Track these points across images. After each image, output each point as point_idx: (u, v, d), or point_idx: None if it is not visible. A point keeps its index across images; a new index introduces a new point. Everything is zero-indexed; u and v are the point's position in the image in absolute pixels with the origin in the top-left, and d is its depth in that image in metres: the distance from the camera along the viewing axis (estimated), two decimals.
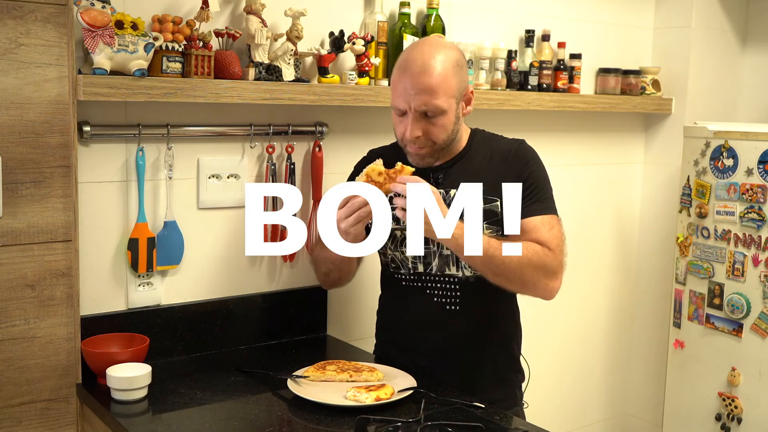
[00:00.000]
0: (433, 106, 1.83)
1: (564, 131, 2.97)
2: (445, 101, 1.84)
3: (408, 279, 2.00)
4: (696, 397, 2.81)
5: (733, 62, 3.25)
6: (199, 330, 2.15)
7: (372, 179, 1.79)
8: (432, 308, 1.97)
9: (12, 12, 1.72)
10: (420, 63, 1.84)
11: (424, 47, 1.89)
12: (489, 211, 1.91)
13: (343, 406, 1.72)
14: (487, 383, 1.98)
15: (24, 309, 1.81)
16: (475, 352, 1.99)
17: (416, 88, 1.83)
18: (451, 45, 1.95)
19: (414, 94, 1.83)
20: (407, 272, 1.99)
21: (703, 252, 2.77)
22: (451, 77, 1.85)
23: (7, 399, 1.81)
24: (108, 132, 1.98)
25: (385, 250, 2.02)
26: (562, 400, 3.15)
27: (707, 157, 2.74)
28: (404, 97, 1.85)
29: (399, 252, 1.98)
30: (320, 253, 2.06)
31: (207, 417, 1.73)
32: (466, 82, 1.92)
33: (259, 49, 2.08)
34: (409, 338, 2.03)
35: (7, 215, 1.77)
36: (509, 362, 2.06)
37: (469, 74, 2.51)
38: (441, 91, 1.83)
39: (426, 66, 1.83)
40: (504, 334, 2.04)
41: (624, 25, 3.10)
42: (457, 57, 1.89)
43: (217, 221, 2.18)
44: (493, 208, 1.91)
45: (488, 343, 2.00)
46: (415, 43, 2.00)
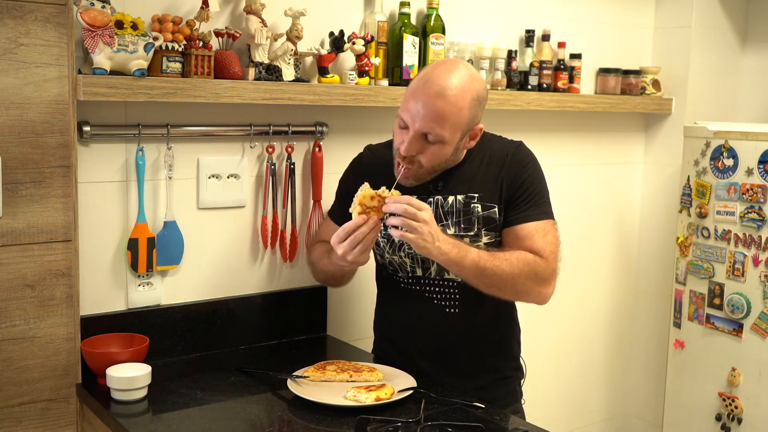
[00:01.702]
0: (436, 134, 1.80)
1: (564, 131, 2.97)
2: (450, 133, 1.81)
3: (406, 282, 2.00)
4: (696, 397, 2.81)
5: (733, 62, 3.25)
6: (199, 330, 2.15)
7: (367, 206, 1.78)
8: (431, 311, 1.97)
9: (12, 12, 1.72)
10: (440, 86, 1.79)
11: (452, 69, 1.82)
12: (487, 217, 1.91)
13: (343, 406, 1.72)
14: (486, 384, 1.98)
15: (24, 309, 1.81)
16: (475, 354, 1.99)
17: (426, 109, 1.79)
18: (478, 77, 1.89)
19: (422, 115, 1.80)
20: (405, 275, 1.99)
21: (703, 252, 2.77)
22: (465, 110, 1.81)
23: (7, 399, 1.81)
24: (108, 132, 1.98)
25: (382, 253, 2.01)
26: (561, 399, 3.15)
27: (707, 157, 2.74)
28: (413, 114, 1.81)
29: (397, 256, 1.98)
30: (321, 265, 2.08)
31: (207, 417, 1.73)
32: (478, 119, 1.87)
33: (259, 49, 2.08)
34: (408, 340, 2.03)
35: (7, 215, 1.77)
36: (509, 362, 2.06)
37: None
38: (449, 122, 1.80)
39: (444, 91, 1.79)
40: (503, 335, 2.05)
41: (624, 25, 3.10)
42: (479, 91, 1.85)
43: (217, 221, 2.18)
44: (491, 214, 1.91)
45: (488, 345, 2.00)
46: (444, 61, 1.95)
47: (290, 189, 2.25)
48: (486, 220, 1.91)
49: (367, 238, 1.77)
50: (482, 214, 1.90)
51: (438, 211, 1.92)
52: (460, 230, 1.91)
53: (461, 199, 1.92)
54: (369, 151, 2.12)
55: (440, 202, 1.93)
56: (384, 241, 1.99)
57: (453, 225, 1.92)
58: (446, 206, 1.92)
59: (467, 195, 1.92)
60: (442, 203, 1.92)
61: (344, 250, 1.78)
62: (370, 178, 1.85)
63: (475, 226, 1.91)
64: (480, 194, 1.91)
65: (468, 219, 1.91)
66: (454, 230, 1.91)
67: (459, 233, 1.91)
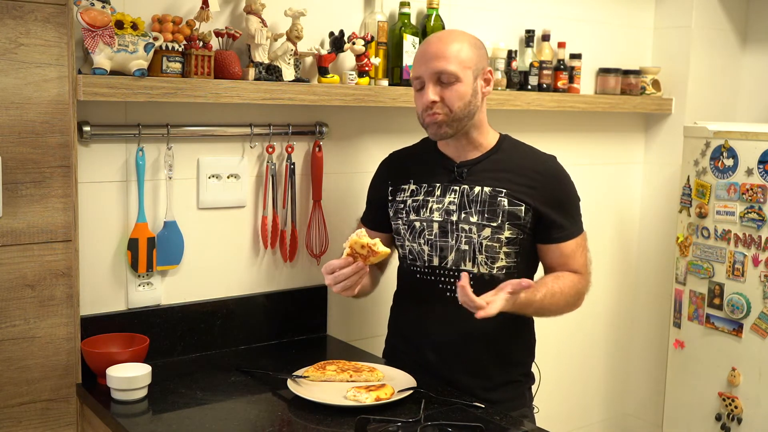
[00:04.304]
0: (447, 70, 1.88)
1: (564, 131, 2.97)
2: (458, 69, 1.89)
3: (422, 272, 2.01)
4: (696, 397, 2.81)
5: (733, 62, 3.25)
6: (199, 330, 2.15)
7: (356, 251, 1.83)
8: (444, 303, 1.97)
9: (12, 12, 1.72)
10: (437, 37, 1.95)
11: (445, 30, 2.08)
12: (512, 212, 1.93)
13: (343, 406, 1.72)
14: (494, 384, 1.99)
15: (24, 309, 1.81)
16: (485, 352, 1.99)
17: (431, 55, 1.90)
18: (471, 34, 2.01)
19: (428, 60, 1.90)
20: (422, 264, 2.00)
21: (703, 252, 2.77)
22: (467, 50, 1.91)
23: (7, 399, 1.81)
24: (108, 132, 1.98)
25: (403, 242, 2.03)
26: (562, 399, 3.15)
27: (707, 157, 2.74)
28: (420, 65, 1.92)
29: (416, 243, 1.99)
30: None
31: (207, 417, 1.73)
32: (484, 63, 1.96)
33: (259, 49, 2.08)
34: (418, 331, 2.04)
35: (7, 215, 1.77)
36: (519, 365, 2.06)
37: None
38: (454, 60, 1.89)
39: (442, 38, 1.94)
40: (515, 335, 2.04)
41: (624, 25, 3.10)
42: (475, 40, 1.97)
43: (217, 221, 2.18)
44: (518, 211, 1.93)
45: (499, 344, 2.00)
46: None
47: (290, 189, 2.25)
48: (511, 215, 1.93)
49: (348, 279, 1.84)
50: (508, 209, 1.93)
51: (462, 198, 1.96)
52: (483, 219, 1.93)
53: (488, 190, 1.95)
54: (395, 152, 2.17)
55: (466, 191, 1.96)
56: (405, 227, 2.01)
57: (476, 213, 1.94)
58: (471, 195, 1.95)
59: (495, 188, 1.95)
60: (468, 192, 1.96)
61: (329, 283, 1.87)
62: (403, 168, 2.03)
63: (499, 218, 1.93)
64: (508, 190, 1.94)
65: (493, 210, 1.93)
66: (477, 218, 1.94)
67: (482, 221, 1.93)
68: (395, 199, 2.05)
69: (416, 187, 2.02)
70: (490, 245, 1.93)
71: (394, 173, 2.09)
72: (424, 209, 1.99)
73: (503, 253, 1.94)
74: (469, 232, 1.94)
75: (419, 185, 2.02)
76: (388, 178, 2.09)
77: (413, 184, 2.03)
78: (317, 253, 2.33)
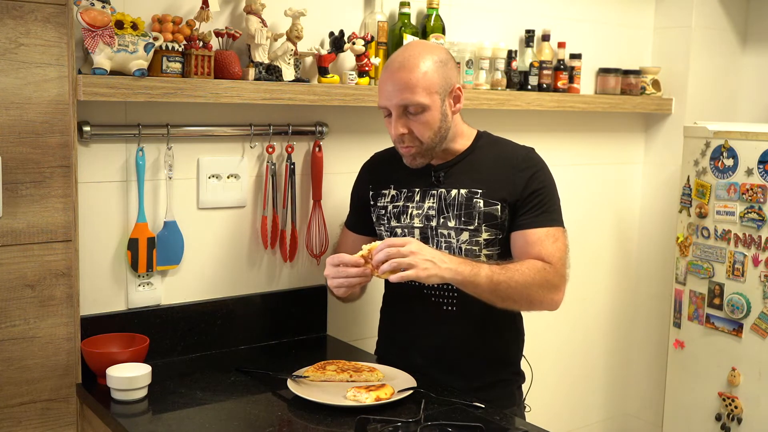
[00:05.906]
0: (413, 102, 1.83)
1: (564, 131, 2.97)
2: (424, 97, 1.83)
3: None
4: (696, 397, 2.81)
5: (733, 62, 3.25)
6: (199, 330, 2.15)
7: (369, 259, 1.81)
8: (429, 308, 1.98)
9: (12, 12, 1.72)
10: (399, 61, 1.86)
11: (407, 48, 1.92)
12: (488, 213, 1.92)
13: (343, 406, 1.72)
14: (482, 384, 1.98)
15: (24, 309, 1.81)
16: (472, 353, 1.99)
17: (395, 85, 1.84)
18: (436, 45, 1.95)
19: (392, 91, 1.85)
20: None
21: (703, 252, 2.77)
22: (432, 73, 1.84)
23: (7, 399, 1.81)
24: (108, 132, 1.98)
25: None
26: (562, 400, 3.15)
27: (707, 157, 2.74)
28: (386, 95, 1.87)
29: None
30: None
31: (207, 417, 1.73)
32: (453, 80, 1.90)
33: (259, 49, 2.08)
34: (406, 337, 2.04)
35: (7, 215, 1.77)
36: (507, 363, 2.06)
37: (468, 74, 2.52)
38: (420, 87, 1.83)
39: (404, 63, 1.85)
40: (501, 336, 2.04)
41: (624, 25, 3.10)
42: (440, 55, 1.89)
43: (217, 221, 2.18)
44: (494, 211, 1.92)
45: (485, 345, 2.00)
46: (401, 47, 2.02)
47: (290, 189, 2.25)
48: (487, 216, 1.91)
49: (349, 280, 1.82)
50: (484, 210, 1.91)
51: (440, 203, 1.94)
52: (461, 223, 1.92)
53: (464, 193, 1.93)
54: (376, 154, 2.15)
55: (443, 195, 1.95)
56: (387, 234, 2.01)
57: (454, 218, 1.93)
58: (448, 199, 1.94)
59: (470, 190, 1.93)
60: (445, 196, 1.94)
61: (328, 273, 1.85)
62: (383, 173, 1.97)
63: (476, 221, 1.92)
64: (484, 190, 1.92)
65: (469, 213, 1.92)
66: (454, 223, 1.93)
67: (459, 225, 1.92)
68: (377, 205, 2.05)
69: (396, 193, 2.01)
70: (470, 249, 1.93)
71: (375, 178, 2.08)
72: (404, 215, 1.98)
73: (484, 256, 1.93)
74: (448, 237, 1.94)
75: (399, 191, 2.01)
76: (369, 182, 2.09)
77: (393, 189, 2.02)
78: (317, 253, 2.33)
